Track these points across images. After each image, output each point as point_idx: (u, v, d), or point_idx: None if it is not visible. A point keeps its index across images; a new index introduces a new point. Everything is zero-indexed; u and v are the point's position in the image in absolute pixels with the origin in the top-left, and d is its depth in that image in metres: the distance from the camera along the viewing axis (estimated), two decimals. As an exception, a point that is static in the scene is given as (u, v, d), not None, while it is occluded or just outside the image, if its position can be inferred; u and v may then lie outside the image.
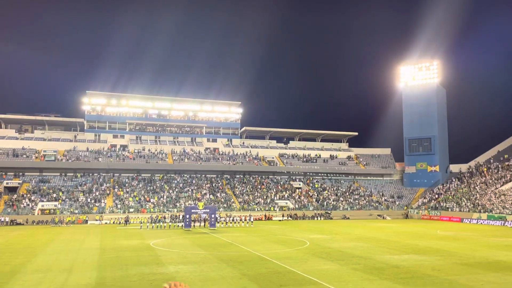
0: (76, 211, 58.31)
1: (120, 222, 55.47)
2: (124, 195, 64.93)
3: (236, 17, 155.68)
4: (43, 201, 59.70)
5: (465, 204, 63.82)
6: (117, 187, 66.99)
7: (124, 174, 70.84)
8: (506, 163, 71.14)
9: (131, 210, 60.51)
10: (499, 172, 69.55)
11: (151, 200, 64.28)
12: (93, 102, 78.93)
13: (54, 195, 61.34)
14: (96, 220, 56.68)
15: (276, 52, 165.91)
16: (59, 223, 52.95)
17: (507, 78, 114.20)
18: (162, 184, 69.81)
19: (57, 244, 33.41)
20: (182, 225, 48.73)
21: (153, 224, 49.13)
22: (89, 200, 61.73)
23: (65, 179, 67.29)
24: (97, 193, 64.00)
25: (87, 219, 56.54)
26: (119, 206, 61.42)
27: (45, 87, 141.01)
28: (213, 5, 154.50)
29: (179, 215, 55.56)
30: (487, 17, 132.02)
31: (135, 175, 71.21)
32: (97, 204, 60.97)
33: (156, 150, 76.46)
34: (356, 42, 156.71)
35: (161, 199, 65.18)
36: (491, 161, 75.80)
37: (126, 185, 68.02)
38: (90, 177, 68.38)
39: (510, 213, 55.64)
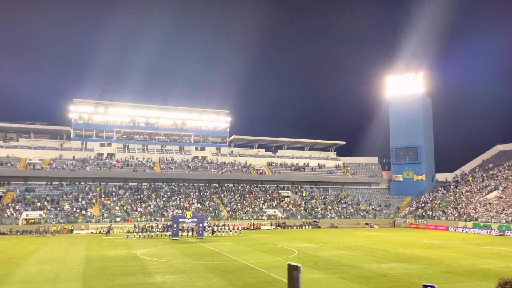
0: (62, 221, 57.38)
1: (106, 232, 54.75)
2: (110, 204, 64.17)
3: (224, 26, 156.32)
4: (27, 210, 58.61)
5: (451, 213, 64.55)
6: (103, 196, 66.21)
7: (111, 183, 70.12)
8: (491, 172, 72.32)
9: (118, 219, 59.80)
10: (484, 181, 70.61)
11: (138, 209, 63.65)
12: (80, 110, 78.22)
13: (39, 204, 60.31)
14: (82, 229, 55.86)
15: (265, 60, 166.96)
16: (43, 232, 51.98)
17: (491, 89, 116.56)
18: (150, 193, 69.22)
19: (41, 254, 32.79)
20: (170, 234, 48.31)
21: (140, 234, 48.60)
22: (74, 209, 60.86)
23: (51, 188, 66.26)
24: (83, 202, 63.15)
25: (72, 228, 55.68)
26: (105, 215, 60.66)
27: (31, 94, 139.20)
28: (202, 12, 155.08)
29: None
30: (471, 30, 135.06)
31: (122, 184, 70.52)
32: (83, 213, 60.16)
33: (143, 158, 75.89)
34: (345, 51, 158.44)
35: (148, 208, 64.57)
36: (476, 170, 76.98)
37: (113, 194, 67.27)
38: (76, 186, 67.49)
39: (495, 221, 56.42)
